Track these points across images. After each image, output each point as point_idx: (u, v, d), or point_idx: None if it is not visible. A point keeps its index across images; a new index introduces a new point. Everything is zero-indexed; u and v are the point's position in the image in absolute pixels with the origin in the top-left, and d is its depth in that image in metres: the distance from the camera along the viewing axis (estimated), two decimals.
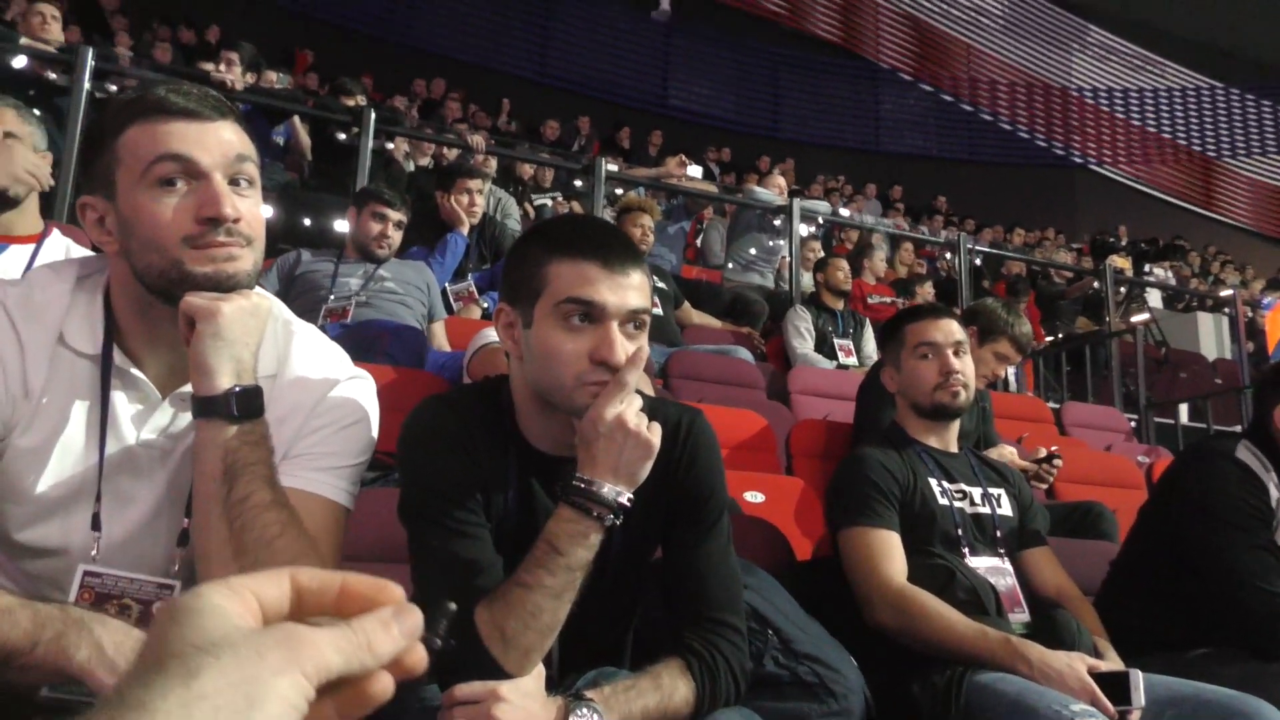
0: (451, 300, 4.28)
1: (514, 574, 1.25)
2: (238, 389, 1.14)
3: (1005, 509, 2.17)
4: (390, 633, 0.48)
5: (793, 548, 2.31)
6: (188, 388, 1.20)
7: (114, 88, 4.85)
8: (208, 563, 1.15)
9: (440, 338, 3.77)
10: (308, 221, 5.31)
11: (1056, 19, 17.46)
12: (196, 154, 1.14)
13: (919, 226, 11.15)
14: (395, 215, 3.74)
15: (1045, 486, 3.28)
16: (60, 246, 2.49)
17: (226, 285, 1.15)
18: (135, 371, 1.22)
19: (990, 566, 2.05)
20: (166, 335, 1.21)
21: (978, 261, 7.23)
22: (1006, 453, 3.18)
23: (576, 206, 8.29)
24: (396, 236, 3.78)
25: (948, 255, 8.43)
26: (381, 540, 1.89)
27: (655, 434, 1.26)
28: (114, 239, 1.18)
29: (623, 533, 1.32)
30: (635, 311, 1.30)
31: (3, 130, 2.40)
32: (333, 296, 3.57)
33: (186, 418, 1.23)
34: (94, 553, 1.19)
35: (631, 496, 1.26)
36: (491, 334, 2.73)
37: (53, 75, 4.35)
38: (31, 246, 2.43)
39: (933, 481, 2.11)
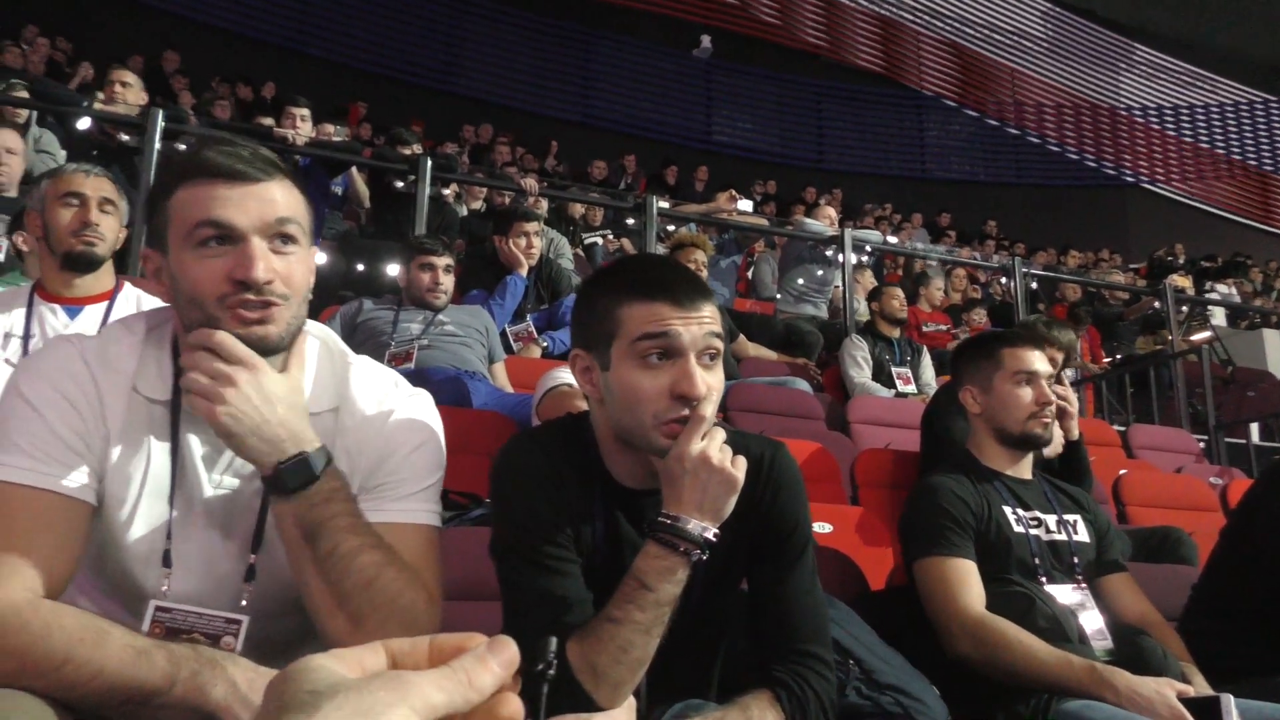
0: (511, 341, 4.35)
1: (604, 609, 1.27)
2: (282, 466, 1.17)
3: (1082, 535, 2.15)
4: (489, 667, 0.50)
5: (866, 577, 2.30)
6: None
7: (182, 146, 5.04)
8: (319, 615, 1.20)
9: (502, 379, 3.82)
10: (365, 268, 5.42)
11: (1101, 39, 17.33)
12: (235, 218, 1.18)
13: (972, 252, 11.07)
14: (443, 261, 3.79)
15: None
16: (131, 298, 2.59)
17: (256, 347, 1.19)
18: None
19: (1070, 594, 2.03)
20: None
21: (1033, 285, 7.15)
22: None
23: (627, 243, 8.37)
24: (449, 281, 3.82)
25: (1002, 280, 8.35)
26: (462, 579, 1.93)
27: (740, 468, 1.28)
28: (167, 291, 1.24)
29: (708, 566, 1.33)
30: (710, 344, 1.32)
31: (103, 198, 2.54)
32: (394, 342, 3.64)
33: None
34: (164, 588, 1.24)
35: (718, 532, 1.28)
36: (559, 376, 2.77)
37: (125, 137, 4.52)
38: (105, 304, 2.54)
39: (1007, 509, 2.10)
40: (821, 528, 2.89)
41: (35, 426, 1.18)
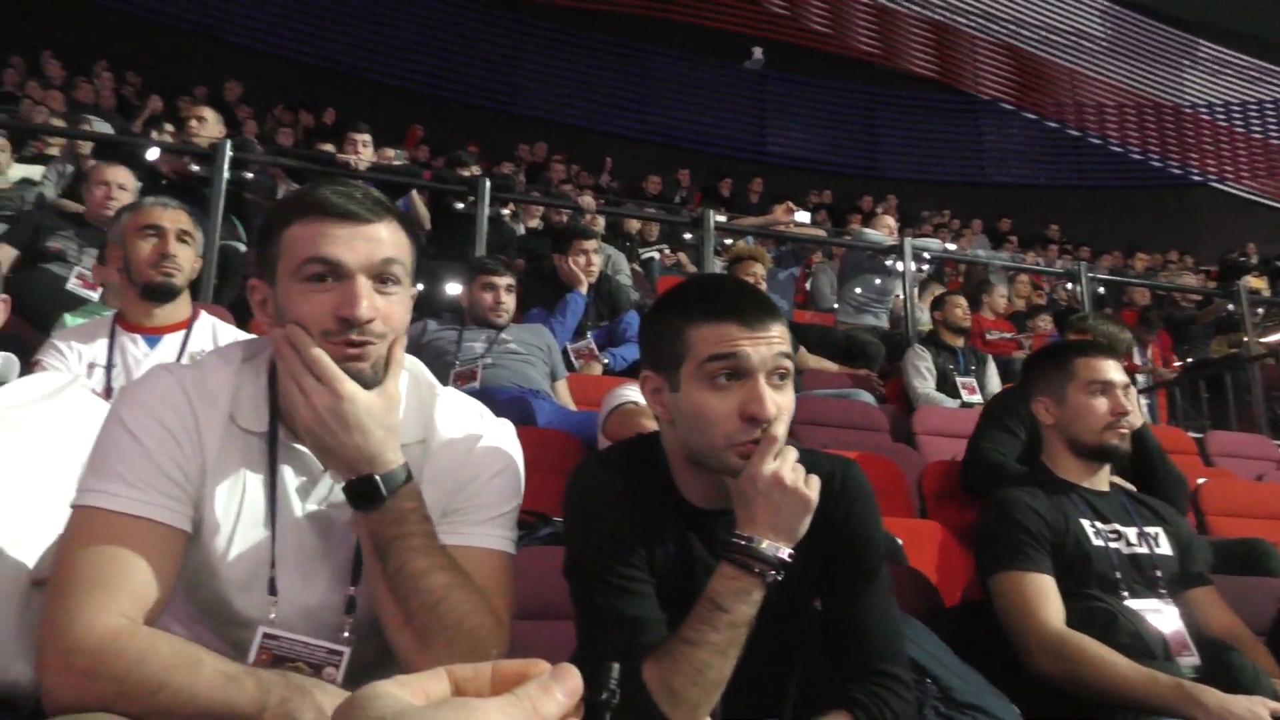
0: (573, 358, 4.37)
1: (679, 631, 1.27)
2: (352, 482, 1.20)
3: (1164, 548, 2.09)
4: (553, 695, 0.50)
5: (939, 592, 2.26)
6: None
7: (250, 175, 5.17)
8: (388, 630, 1.22)
9: (565, 396, 3.84)
10: (425, 288, 5.48)
11: (1163, 36, 16.95)
12: (344, 256, 1.22)
13: (1035, 257, 10.87)
14: (504, 281, 3.85)
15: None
16: (207, 326, 2.66)
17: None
18: (298, 446, 1.29)
19: (1153, 609, 1.98)
20: None
21: (1100, 290, 7.01)
22: None
23: (684, 257, 8.38)
24: (510, 300, 3.88)
25: (1068, 286, 8.19)
26: (533, 598, 1.93)
27: (814, 488, 1.28)
28: (271, 320, 1.27)
29: (782, 586, 1.32)
30: (779, 364, 1.32)
31: (180, 230, 2.61)
32: (459, 362, 3.69)
33: None
34: (272, 616, 1.26)
35: (792, 552, 1.28)
36: (625, 394, 2.78)
37: (195, 168, 4.66)
38: (183, 333, 2.61)
39: (1085, 522, 2.05)
40: (891, 541, 2.86)
41: (135, 455, 1.21)
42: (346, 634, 1.27)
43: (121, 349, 2.52)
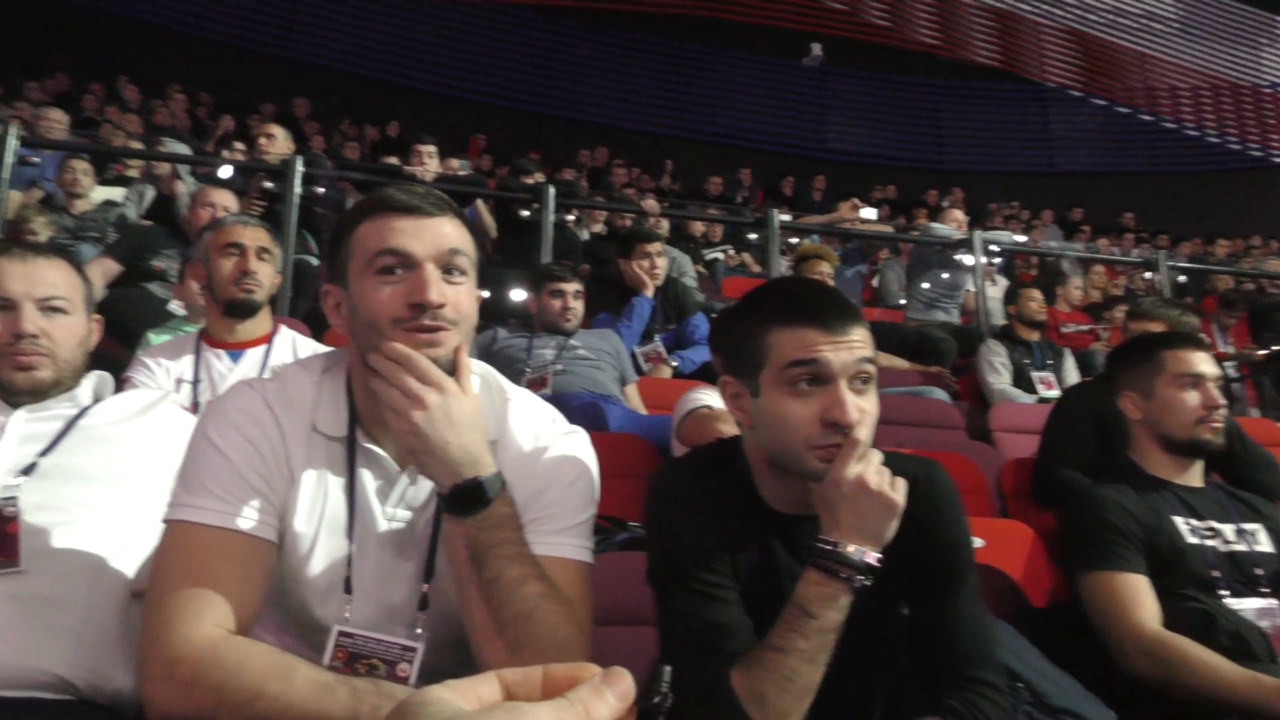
0: (641, 362, 4.37)
1: (767, 638, 1.26)
2: (457, 487, 1.20)
3: (1264, 545, 2.01)
4: (605, 698, 0.50)
5: (1025, 594, 2.21)
6: None
7: (320, 190, 5.28)
8: (476, 639, 1.23)
9: (635, 400, 3.85)
10: (491, 295, 5.54)
11: (1237, 15, 16.39)
12: (412, 246, 1.25)
13: (1110, 246, 10.59)
14: (571, 287, 3.88)
15: None
16: (288, 340, 2.73)
17: None
18: (376, 449, 1.32)
19: (1255, 608, 1.91)
20: None
21: (1181, 278, 6.79)
22: None
23: (748, 258, 8.34)
24: (578, 306, 3.91)
25: (1146, 275, 7.96)
26: (610, 604, 1.94)
27: (900, 491, 1.26)
28: (345, 322, 1.31)
29: (869, 591, 1.30)
30: (861, 369, 1.30)
31: (260, 247, 2.69)
32: (529, 369, 3.72)
33: (424, 487, 1.33)
34: (346, 614, 1.28)
35: (880, 557, 1.26)
36: (698, 398, 2.77)
37: (269, 184, 4.77)
38: (264, 347, 2.68)
39: (1178, 520, 1.99)
40: (973, 542, 2.80)
41: (222, 470, 1.25)
42: (419, 630, 1.29)
43: (206, 364, 2.59)
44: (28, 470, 1.54)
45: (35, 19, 11.46)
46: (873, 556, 1.25)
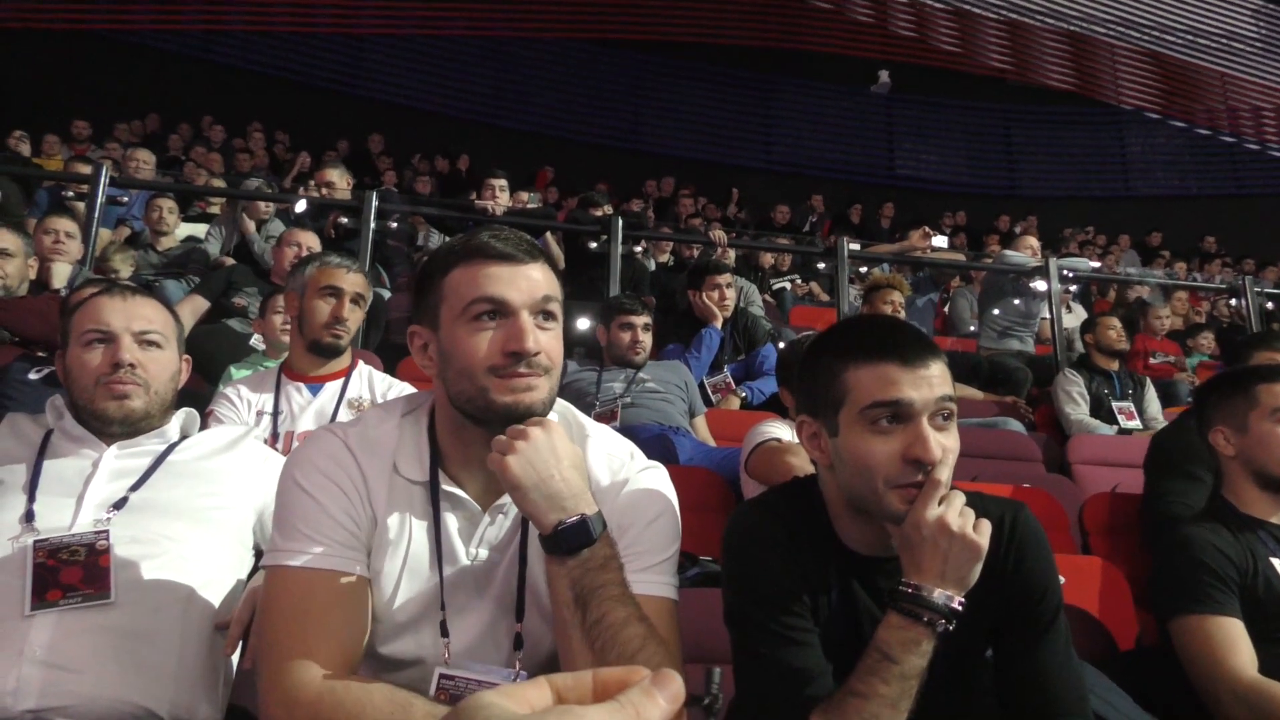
0: (710, 392, 4.36)
1: (848, 683, 1.24)
2: (562, 526, 1.20)
3: None
4: (656, 701, 0.50)
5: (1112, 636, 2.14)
6: (503, 499, 1.32)
7: (394, 224, 5.40)
8: None
9: (704, 432, 3.83)
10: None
11: None
12: (508, 294, 1.27)
13: (1191, 272, 10.29)
14: (641, 320, 3.89)
15: None
16: (364, 374, 2.80)
17: (522, 414, 1.26)
18: (459, 491, 1.34)
19: None
20: (479, 454, 1.31)
21: (1268, 305, 6.56)
22: None
23: (816, 287, 8.28)
24: (647, 339, 3.91)
25: (1231, 301, 7.71)
26: (686, 642, 1.92)
27: (984, 534, 1.23)
28: (434, 364, 1.33)
29: (953, 636, 1.27)
30: (942, 405, 1.28)
31: (356, 293, 2.78)
32: (599, 402, 3.73)
33: (506, 527, 1.35)
34: (446, 657, 1.29)
35: (963, 600, 1.23)
36: (767, 431, 2.75)
37: (344, 220, 4.89)
38: (342, 380, 2.75)
39: (1276, 561, 1.91)
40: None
41: (314, 513, 1.29)
42: (518, 669, 1.30)
43: (287, 397, 2.67)
44: (119, 505, 1.59)
45: (124, 64, 11.98)
46: (957, 600, 1.22)
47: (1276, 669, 1.76)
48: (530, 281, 1.30)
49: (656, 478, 1.43)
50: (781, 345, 4.29)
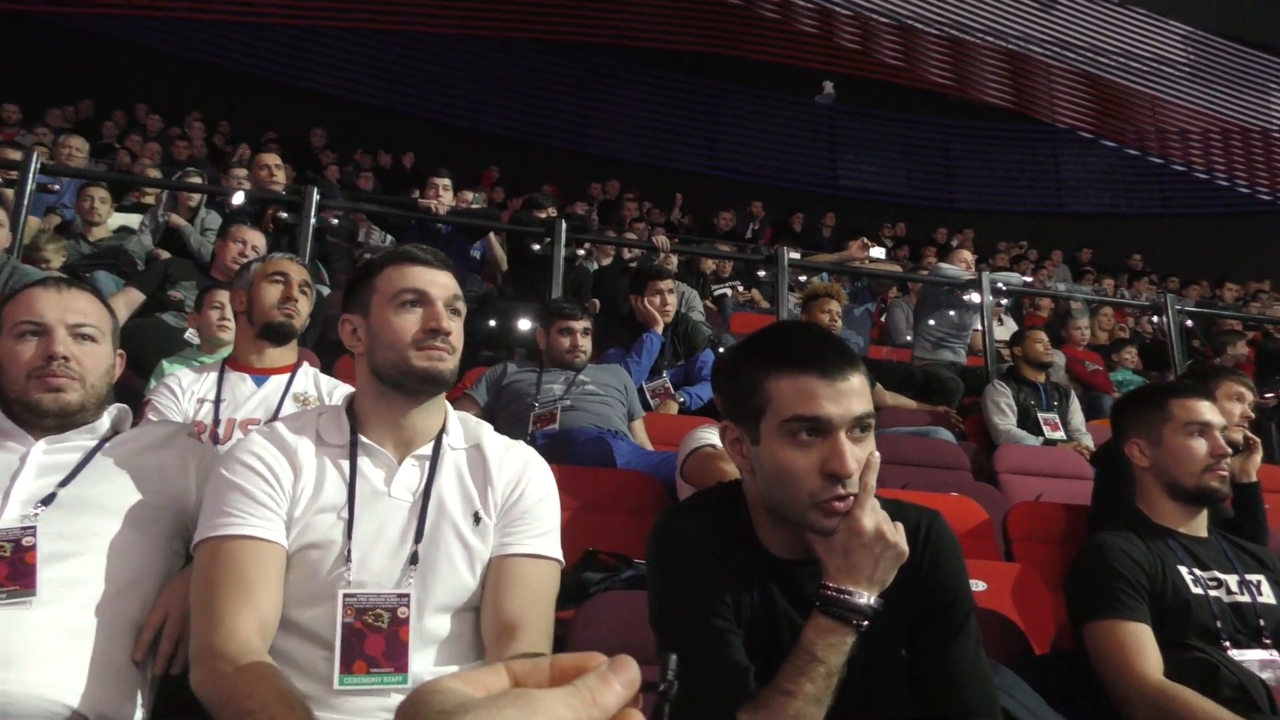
0: (649, 397, 4.39)
1: (775, 681, 1.27)
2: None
3: (1267, 596, 2.02)
4: (612, 685, 0.51)
5: (1029, 640, 2.21)
6: (420, 449, 1.61)
7: (335, 220, 5.34)
8: None
9: (642, 436, 3.86)
10: (500, 326, 5.57)
11: (1248, 60, 16.49)
12: (429, 289, 1.61)
13: (1119, 289, 10.60)
14: (580, 324, 3.89)
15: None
16: (310, 374, 2.80)
17: (434, 377, 1.58)
18: (376, 445, 1.61)
19: (1258, 659, 1.91)
20: (397, 417, 1.61)
21: (1189, 323, 6.80)
22: None
23: (757, 294, 8.37)
24: (586, 342, 3.92)
25: (1154, 318, 7.97)
26: (617, 642, 1.95)
27: (902, 538, 1.28)
28: (362, 344, 1.63)
29: (868, 636, 1.31)
30: (861, 419, 1.31)
31: (303, 281, 2.86)
32: (538, 404, 3.73)
33: (422, 473, 1.61)
34: (348, 578, 1.50)
35: (881, 600, 1.27)
36: (702, 437, 2.79)
37: (284, 215, 4.82)
38: (287, 375, 2.76)
39: (1183, 570, 1.99)
40: (976, 586, 2.79)
41: (236, 495, 1.50)
42: (411, 579, 1.52)
43: (230, 385, 2.67)
44: (47, 501, 1.57)
45: (58, 47, 11.66)
46: (877, 601, 1.27)
47: (1181, 673, 1.84)
48: (444, 284, 1.63)
49: (542, 462, 1.72)
50: (721, 351, 4.35)
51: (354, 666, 1.44)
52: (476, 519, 1.58)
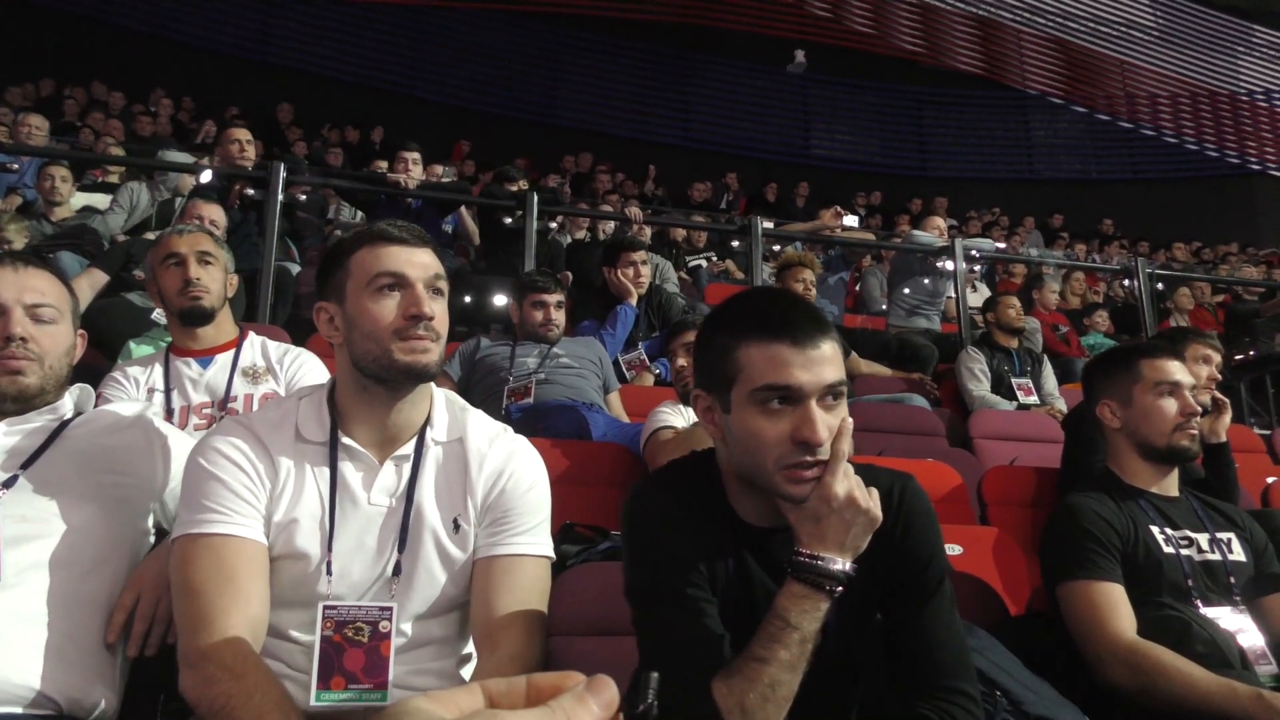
0: (625, 369, 4.38)
1: (749, 648, 1.27)
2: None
3: (1237, 554, 2.04)
4: (588, 707, 0.49)
5: (1004, 601, 2.23)
6: (401, 449, 1.53)
7: (303, 196, 5.26)
8: None
9: (617, 408, 3.85)
10: (474, 301, 5.53)
11: (1216, 24, 16.57)
12: (406, 270, 1.49)
13: (1090, 253, 10.67)
14: (554, 298, 3.88)
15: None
16: (255, 343, 2.69)
17: (418, 372, 1.47)
18: (356, 445, 1.52)
19: (1228, 616, 1.93)
20: (379, 413, 1.52)
21: (1159, 286, 6.85)
22: None
23: (732, 264, 8.36)
24: (560, 316, 3.91)
25: (1124, 282, 8.03)
26: (594, 614, 1.94)
27: (876, 503, 1.27)
28: (340, 334, 1.52)
29: (842, 601, 1.31)
30: (832, 386, 1.30)
31: (199, 252, 2.65)
32: (512, 378, 3.72)
33: (403, 475, 1.53)
34: (329, 590, 1.45)
35: (855, 565, 1.27)
36: (661, 418, 2.81)
37: (251, 191, 4.74)
38: (232, 352, 2.65)
39: (1155, 529, 2.01)
40: (952, 549, 2.81)
41: (217, 489, 1.44)
42: (392, 593, 1.48)
43: (176, 373, 2.58)
44: (8, 483, 1.54)
45: (15, 23, 11.39)
46: (850, 566, 1.27)
47: (1153, 631, 1.86)
48: (423, 262, 1.51)
49: (530, 449, 1.63)
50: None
51: (331, 682, 1.41)
52: (456, 526, 1.52)
